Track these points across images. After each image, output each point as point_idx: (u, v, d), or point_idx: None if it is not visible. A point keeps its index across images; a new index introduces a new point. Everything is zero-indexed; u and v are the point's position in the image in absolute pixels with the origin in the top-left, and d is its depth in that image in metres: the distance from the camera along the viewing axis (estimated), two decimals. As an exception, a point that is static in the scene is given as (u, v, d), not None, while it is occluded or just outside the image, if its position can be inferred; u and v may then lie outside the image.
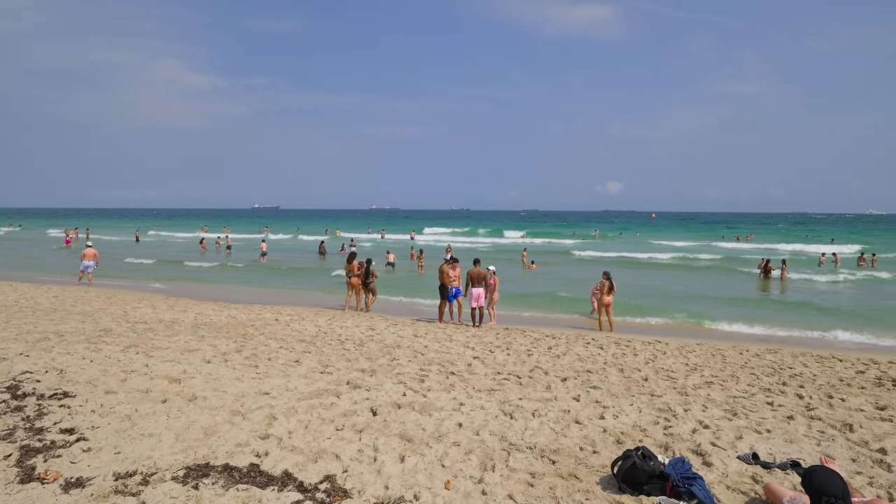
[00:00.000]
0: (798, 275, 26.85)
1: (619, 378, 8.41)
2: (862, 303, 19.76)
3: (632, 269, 30.21)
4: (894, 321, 16.40)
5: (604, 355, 10.49)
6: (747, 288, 23.67)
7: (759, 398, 7.50)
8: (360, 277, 16.74)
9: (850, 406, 7.19)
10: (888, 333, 14.65)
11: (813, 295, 21.62)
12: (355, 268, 16.83)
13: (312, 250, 40.34)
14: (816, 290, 23.12)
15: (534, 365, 9.22)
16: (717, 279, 26.65)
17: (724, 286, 23.92)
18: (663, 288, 23.26)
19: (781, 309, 18.63)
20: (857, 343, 13.71)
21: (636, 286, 23.52)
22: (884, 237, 66.65)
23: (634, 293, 21.11)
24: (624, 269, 29.20)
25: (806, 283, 24.90)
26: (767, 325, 15.62)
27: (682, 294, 21.55)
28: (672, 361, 10.15)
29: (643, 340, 12.54)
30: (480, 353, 10.20)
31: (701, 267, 31.22)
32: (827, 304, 19.42)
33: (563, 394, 7.01)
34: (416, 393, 6.60)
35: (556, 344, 11.66)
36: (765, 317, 16.91)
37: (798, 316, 17.11)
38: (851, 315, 17.33)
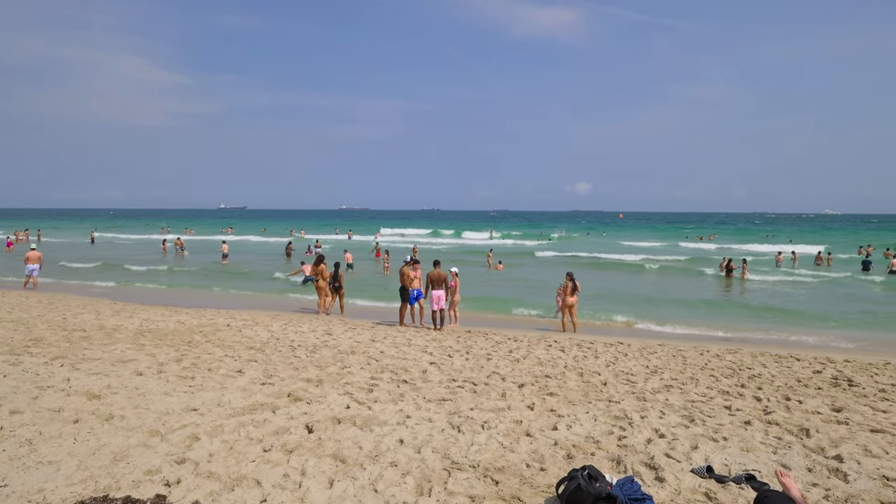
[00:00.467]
0: (758, 275, 27.27)
1: (577, 383, 8.15)
2: (818, 302, 20.09)
3: (597, 270, 30.29)
4: (849, 321, 16.65)
5: (565, 358, 10.25)
6: (710, 288, 23.90)
7: (718, 402, 7.33)
8: (328, 280, 16.32)
9: (808, 408, 7.07)
10: (843, 333, 14.82)
11: (772, 294, 21.92)
12: (323, 270, 16.36)
13: (278, 251, 39.44)
14: (775, 289, 23.46)
15: (492, 370, 8.90)
16: (679, 279, 26.88)
17: (687, 286, 24.12)
18: (627, 289, 23.32)
19: (742, 309, 18.79)
20: (813, 343, 13.81)
21: (601, 287, 23.50)
22: (840, 237, 68.80)
23: (599, 294, 21.06)
24: (589, 270, 29.27)
25: (765, 283, 25.28)
26: (728, 325, 15.66)
27: (646, 295, 21.61)
28: (633, 364, 9.96)
29: (605, 342, 12.37)
30: (438, 358, 9.84)
31: (664, 267, 31.49)
32: (784, 303, 19.68)
33: (518, 402, 6.70)
34: (360, 405, 6.19)
35: (518, 347, 11.38)
36: (725, 317, 17.00)
37: (757, 315, 17.24)
38: (807, 315, 17.55)
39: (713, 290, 23.20)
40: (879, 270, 29.07)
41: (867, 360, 11.09)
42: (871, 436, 5.88)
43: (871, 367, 10.43)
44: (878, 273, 28.31)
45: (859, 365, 10.55)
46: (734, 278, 26.11)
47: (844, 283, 24.86)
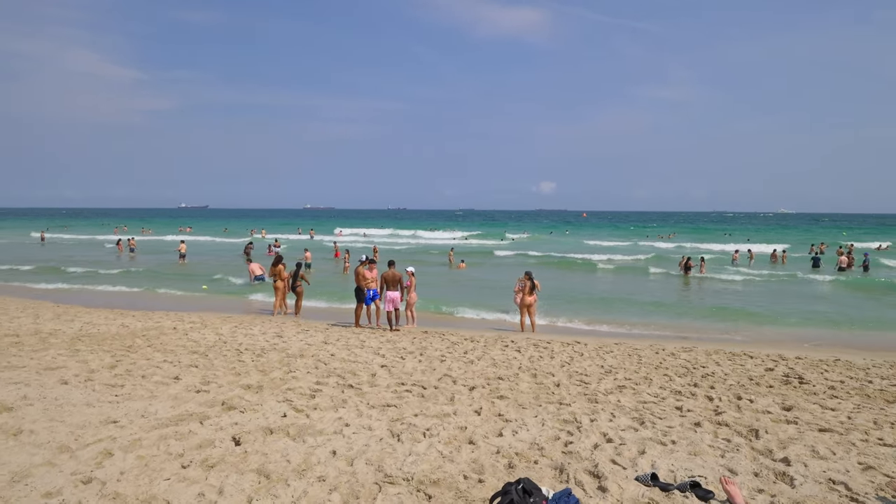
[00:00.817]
0: (715, 273, 27.76)
1: (530, 385, 7.96)
2: (771, 300, 20.50)
3: (556, 270, 30.33)
4: (801, 318, 17.00)
5: (520, 359, 10.07)
6: (668, 286, 24.18)
7: (670, 402, 7.23)
8: (286, 281, 15.90)
9: (758, 408, 7.03)
10: (795, 330, 15.09)
11: (727, 292, 22.30)
12: (281, 271, 15.90)
13: (239, 251, 38.42)
14: (731, 287, 23.89)
15: (444, 372, 8.65)
16: (638, 278, 27.16)
17: (646, 285, 24.37)
18: (585, 288, 23.40)
19: (698, 307, 19.02)
20: (766, 340, 14.01)
21: (561, 286, 23.54)
22: (794, 235, 71.06)
23: (558, 293, 21.05)
24: (548, 270, 29.29)
25: (722, 281, 25.74)
26: (684, 324, 15.79)
27: (604, 294, 21.71)
28: (588, 364, 9.85)
29: (563, 341, 12.27)
30: (390, 361, 9.54)
31: (623, 267, 31.77)
32: (739, 301, 20.02)
33: (466, 406, 6.46)
34: (298, 413, 5.85)
35: (474, 348, 11.17)
36: (682, 315, 17.16)
37: (712, 313, 17.46)
38: (761, 312, 17.86)
39: (671, 288, 23.48)
40: (829, 268, 29.98)
41: (818, 357, 11.26)
42: (819, 435, 5.84)
43: (821, 363, 10.57)
44: (828, 271, 29.19)
45: (810, 362, 10.68)
46: (692, 276, 26.53)
47: (796, 281, 25.51)
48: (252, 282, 22.46)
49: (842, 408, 7.26)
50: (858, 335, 14.42)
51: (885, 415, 7.01)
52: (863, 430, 6.17)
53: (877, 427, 6.34)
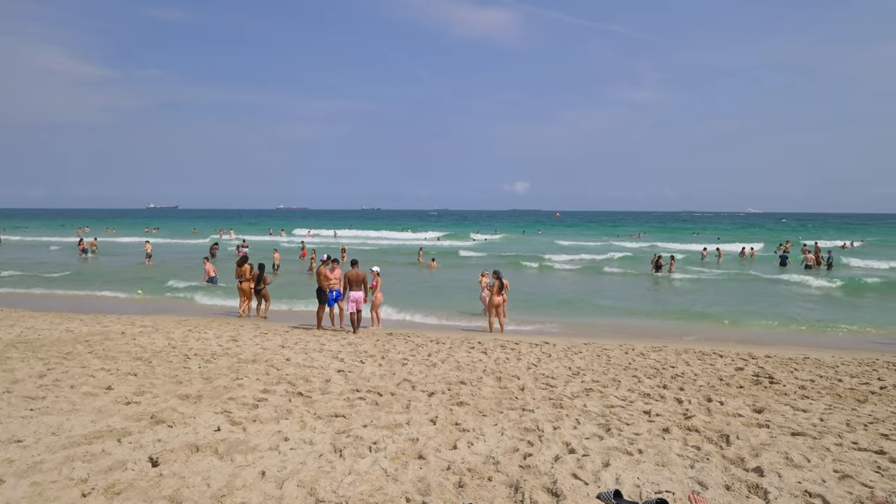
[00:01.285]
0: (684, 272, 27.82)
1: (493, 389, 7.54)
2: (740, 297, 20.49)
3: (528, 270, 30.03)
4: (770, 316, 16.97)
5: (485, 361, 9.65)
6: (638, 285, 24.05)
7: (638, 406, 6.88)
8: (251, 282, 15.26)
9: (729, 410, 6.72)
10: (765, 327, 15.00)
11: (696, 290, 22.27)
12: (247, 272, 15.30)
13: (205, 252, 37.31)
14: (699, 285, 23.89)
15: (404, 377, 8.17)
16: (607, 278, 27.01)
17: (615, 284, 24.21)
18: (555, 288, 23.15)
19: (670, 305, 18.88)
20: (736, 338, 13.87)
21: (529, 286, 23.28)
22: (761, 233, 72.38)
23: (529, 293, 20.76)
24: (520, 270, 28.99)
25: (692, 279, 25.78)
26: (655, 322, 15.59)
27: (573, 294, 21.47)
28: (555, 366, 9.47)
29: (531, 342, 11.89)
30: (348, 365, 9.03)
31: (593, 266, 31.63)
32: (708, 299, 19.96)
33: (421, 415, 5.99)
34: (235, 426, 5.31)
35: (438, 350, 10.72)
36: (653, 314, 16.98)
37: (683, 312, 17.31)
38: (731, 310, 17.79)
39: (642, 287, 23.36)
40: (796, 266, 30.34)
41: (787, 356, 11.09)
42: (792, 440, 5.53)
43: (791, 362, 10.39)
44: (795, 269, 29.52)
45: (780, 360, 10.50)
46: (663, 275, 26.53)
47: (764, 279, 25.67)
48: (205, 283, 21.49)
49: (813, 409, 7.01)
50: (825, 333, 14.39)
51: (858, 415, 6.78)
52: (836, 433, 5.90)
53: (850, 429, 6.08)
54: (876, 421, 6.48)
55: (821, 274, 27.19)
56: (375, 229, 68.58)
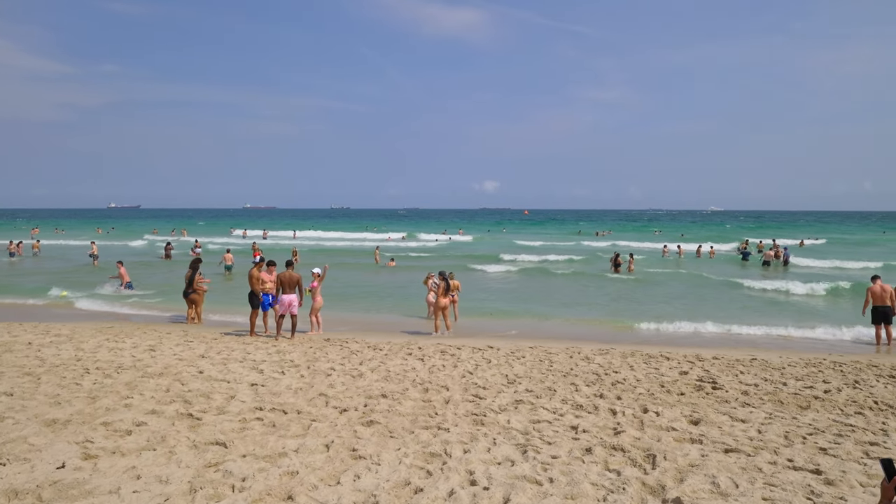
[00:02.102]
0: (645, 269, 27.69)
1: (415, 404, 6.91)
2: (694, 295, 20.34)
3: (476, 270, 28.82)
4: (723, 312, 16.77)
5: (418, 370, 9.01)
6: (594, 285, 23.66)
7: (567, 420, 6.33)
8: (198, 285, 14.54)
9: (663, 423, 6.23)
10: (716, 326, 14.75)
11: (653, 289, 22.06)
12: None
13: (159, 253, 35.81)
14: (657, 282, 23.73)
15: (321, 391, 7.48)
16: (564, 278, 26.62)
17: (571, 284, 23.77)
18: (512, 288, 22.65)
19: (625, 304, 18.55)
20: (684, 334, 13.55)
21: (485, 288, 22.80)
22: (723, 231, 73.64)
23: (482, 295, 20.25)
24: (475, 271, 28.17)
25: (650, 277, 25.64)
26: (606, 323, 15.21)
27: (529, 294, 21.02)
28: (492, 374, 8.90)
29: (474, 347, 11.31)
30: (265, 377, 8.28)
31: (549, 265, 31.15)
32: (663, 297, 19.74)
33: (318, 439, 5.32)
34: (87, 461, 4.56)
35: (373, 357, 10.04)
36: (607, 313, 16.60)
37: (637, 311, 17.00)
38: (686, 307, 17.56)
39: (597, 286, 23.01)
40: (756, 262, 30.59)
41: (735, 356, 10.76)
42: (724, 459, 5.04)
43: (738, 363, 10.04)
44: (755, 265, 29.77)
45: (726, 362, 10.14)
46: (621, 273, 26.36)
47: (722, 276, 25.70)
48: (121, 289, 19.61)
49: (753, 418, 6.57)
50: (770, 332, 14.19)
51: (798, 425, 6.36)
52: (772, 448, 5.44)
53: (788, 443, 5.63)
54: (816, 432, 6.06)
55: (777, 271, 27.43)
56: (338, 229, 67.25)
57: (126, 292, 19.51)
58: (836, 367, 9.87)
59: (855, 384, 8.57)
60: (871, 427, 6.32)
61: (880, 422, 6.56)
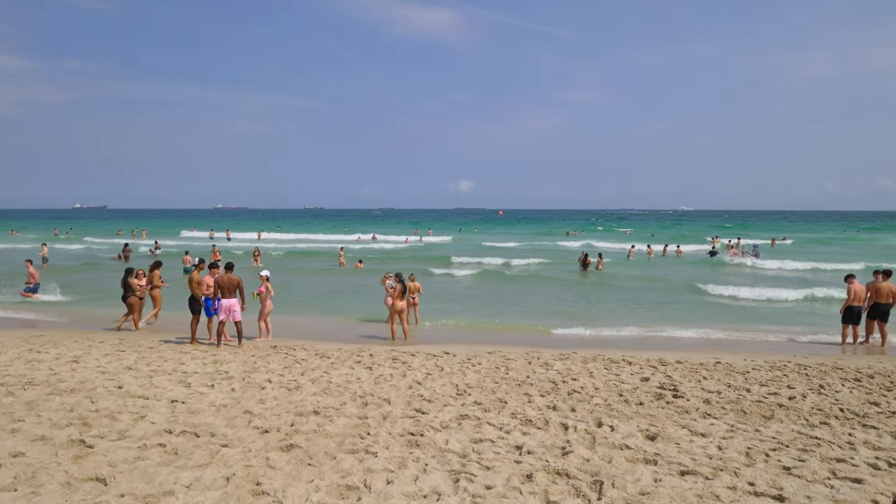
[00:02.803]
0: (612, 269, 27.44)
1: (348, 422, 6.26)
2: (659, 296, 20.06)
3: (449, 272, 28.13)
4: (689, 313, 16.47)
5: (363, 381, 8.35)
6: (559, 286, 23.27)
7: (513, 438, 5.75)
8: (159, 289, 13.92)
9: (616, 440, 5.69)
10: (681, 327, 14.39)
11: (620, 289, 21.73)
12: (156, 277, 13.84)
13: (115, 253, 34.35)
14: (623, 283, 23.44)
15: (248, 407, 6.78)
16: (533, 279, 26.22)
17: (539, 286, 23.33)
18: (475, 291, 22.07)
19: (589, 306, 18.14)
20: (647, 339, 13.14)
21: (447, 290, 22.22)
22: (689, 230, 74.43)
23: (443, 297, 19.65)
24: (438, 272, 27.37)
25: (617, 277, 25.38)
26: (572, 325, 14.74)
27: (494, 296, 20.48)
28: (442, 383, 8.29)
29: (429, 353, 10.69)
30: (191, 392, 7.53)
31: (519, 265, 30.78)
32: (630, 297, 19.41)
33: (219, 469, 4.63)
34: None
35: (318, 367, 9.35)
36: (572, 316, 16.14)
37: (603, 312, 16.60)
38: (651, 309, 17.22)
39: (563, 287, 22.60)
40: (720, 260, 30.62)
41: (699, 360, 10.36)
42: (679, 484, 4.51)
43: (701, 367, 9.63)
44: (722, 265, 29.77)
45: (690, 366, 9.72)
46: (590, 272, 26.08)
47: (687, 277, 25.56)
48: (24, 292, 17.88)
49: (714, 432, 6.09)
50: (736, 333, 13.90)
51: (761, 438, 5.89)
52: (733, 468, 4.93)
53: (749, 462, 5.14)
54: (779, 447, 5.59)
55: (744, 270, 27.43)
56: (308, 230, 65.83)
57: (30, 296, 17.69)
58: (800, 371, 9.52)
59: (820, 389, 8.20)
60: (838, 440, 5.88)
61: (847, 433, 6.14)
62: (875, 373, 9.43)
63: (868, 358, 11.25)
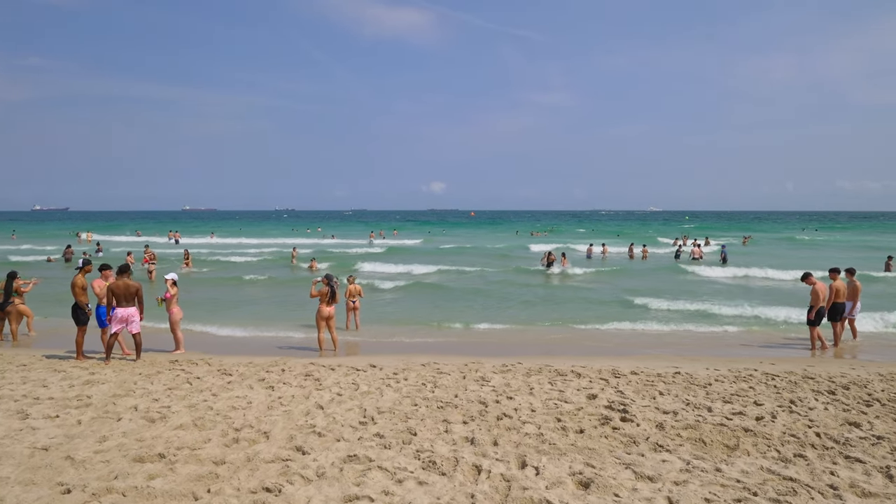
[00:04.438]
0: (575, 268, 26.37)
1: (194, 471, 4.79)
2: (615, 296, 18.97)
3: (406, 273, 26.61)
4: (651, 315, 15.37)
5: (255, 405, 6.89)
6: (519, 287, 22.05)
7: (401, 493, 4.36)
8: None
9: (538, 491, 4.36)
10: (643, 330, 13.24)
11: (578, 291, 20.62)
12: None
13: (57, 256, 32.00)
14: (580, 283, 22.36)
15: (74, 450, 5.26)
16: (492, 281, 25.00)
17: (499, 287, 22.05)
18: (427, 294, 20.66)
19: (547, 308, 16.91)
20: (603, 345, 11.93)
21: (392, 295, 20.78)
22: (661, 230, 74.37)
23: (389, 301, 18.25)
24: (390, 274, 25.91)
25: (581, 276, 24.32)
26: (521, 330, 13.48)
27: (447, 299, 19.12)
28: (348, 407, 6.87)
29: (352, 366, 9.27)
30: (23, 426, 5.97)
31: (482, 266, 29.48)
32: (587, 299, 18.26)
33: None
34: None
35: (211, 386, 7.86)
36: (526, 319, 14.88)
37: (564, 315, 15.37)
38: (611, 310, 16.08)
39: (527, 290, 21.35)
40: (684, 259, 29.83)
41: (657, 369, 9.15)
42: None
43: (658, 380, 8.40)
44: (685, 262, 28.97)
45: (645, 378, 8.49)
46: (555, 270, 25.03)
47: (648, 276, 24.63)
48: None
49: (664, 473, 4.79)
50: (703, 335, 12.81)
51: (723, 482, 4.62)
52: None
53: (706, 524, 3.84)
54: (745, 497, 4.31)
55: (714, 268, 26.63)
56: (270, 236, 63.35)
57: None
58: (768, 382, 8.37)
59: (791, 406, 7.02)
60: (817, 481, 4.65)
61: (827, 470, 4.91)
62: (849, 382, 8.34)
63: (839, 364, 10.21)
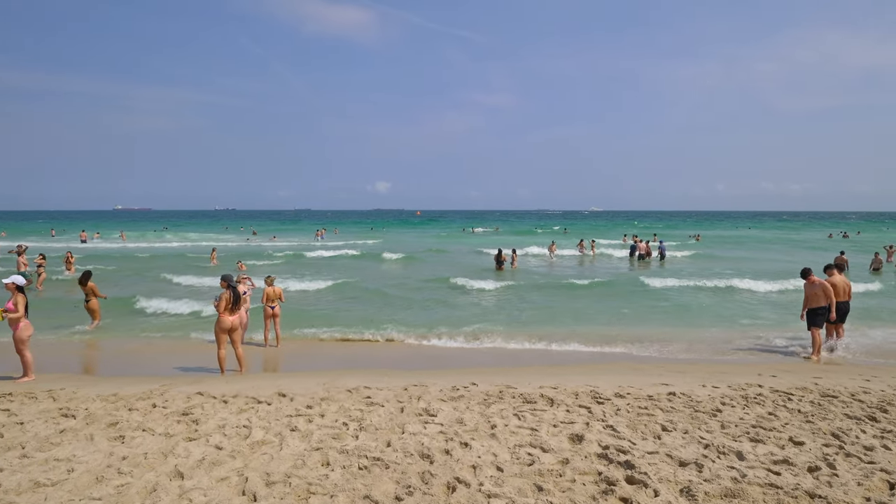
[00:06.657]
0: (527, 266, 24.76)
1: None
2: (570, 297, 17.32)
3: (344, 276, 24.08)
4: (585, 317, 13.69)
5: (91, 469, 4.61)
6: (464, 289, 19.95)
7: None
8: None
9: None
10: (585, 333, 11.48)
11: (530, 292, 18.87)
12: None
13: None
14: (540, 281, 20.65)
15: None
16: (434, 282, 22.91)
17: (441, 289, 19.78)
18: (366, 296, 18.28)
19: (501, 313, 14.97)
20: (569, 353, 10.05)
21: (327, 298, 18.46)
22: (601, 229, 74.66)
23: (315, 305, 15.90)
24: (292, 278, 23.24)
25: (534, 274, 22.70)
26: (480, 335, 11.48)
27: (388, 303, 16.86)
28: (224, 473, 4.64)
29: (253, 397, 7.10)
30: None
31: (426, 263, 27.44)
32: (541, 300, 16.50)
33: None
34: None
35: (32, 438, 5.39)
36: (483, 321, 12.86)
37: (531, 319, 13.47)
38: (556, 314, 14.33)
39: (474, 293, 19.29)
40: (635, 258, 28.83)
41: (645, 389, 7.37)
42: None
43: (653, 405, 6.58)
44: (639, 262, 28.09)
45: (636, 404, 6.69)
46: (506, 269, 23.29)
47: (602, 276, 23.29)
48: None
49: None
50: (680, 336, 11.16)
51: None
52: None
53: None
54: None
55: (653, 266, 25.87)
56: (202, 232, 59.05)
57: None
58: (785, 403, 6.65)
59: (840, 444, 5.24)
60: None
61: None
62: (882, 402, 6.74)
63: (847, 374, 8.60)
